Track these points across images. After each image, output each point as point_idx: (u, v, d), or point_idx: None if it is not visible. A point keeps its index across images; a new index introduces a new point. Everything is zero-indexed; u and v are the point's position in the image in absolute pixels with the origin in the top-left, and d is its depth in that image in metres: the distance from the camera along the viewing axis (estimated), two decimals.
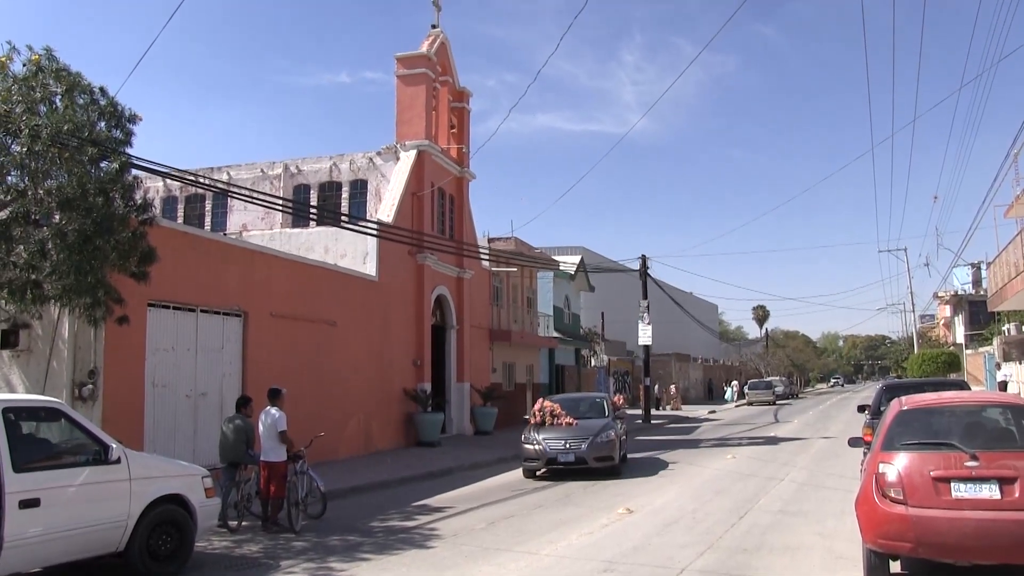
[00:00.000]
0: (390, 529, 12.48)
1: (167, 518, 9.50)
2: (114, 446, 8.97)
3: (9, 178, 12.31)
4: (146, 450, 13.89)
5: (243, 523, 12.58)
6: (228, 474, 12.76)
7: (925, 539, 7.62)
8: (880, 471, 8.04)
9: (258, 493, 12.70)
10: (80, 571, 9.47)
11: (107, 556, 9.05)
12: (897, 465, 7.97)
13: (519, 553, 10.36)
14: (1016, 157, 29.71)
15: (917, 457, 7.97)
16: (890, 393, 18.83)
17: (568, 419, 18.77)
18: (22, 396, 10.87)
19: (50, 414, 8.99)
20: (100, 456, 8.87)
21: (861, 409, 21.59)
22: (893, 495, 7.85)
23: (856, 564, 8.84)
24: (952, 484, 7.68)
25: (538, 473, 18.26)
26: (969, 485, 7.63)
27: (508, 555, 10.27)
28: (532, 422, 19.21)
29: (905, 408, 8.85)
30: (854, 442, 11.83)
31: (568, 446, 17.85)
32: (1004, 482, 7.54)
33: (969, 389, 18.51)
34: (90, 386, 14.22)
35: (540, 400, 20.05)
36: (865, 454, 11.60)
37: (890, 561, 8.23)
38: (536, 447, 18.04)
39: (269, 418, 12.56)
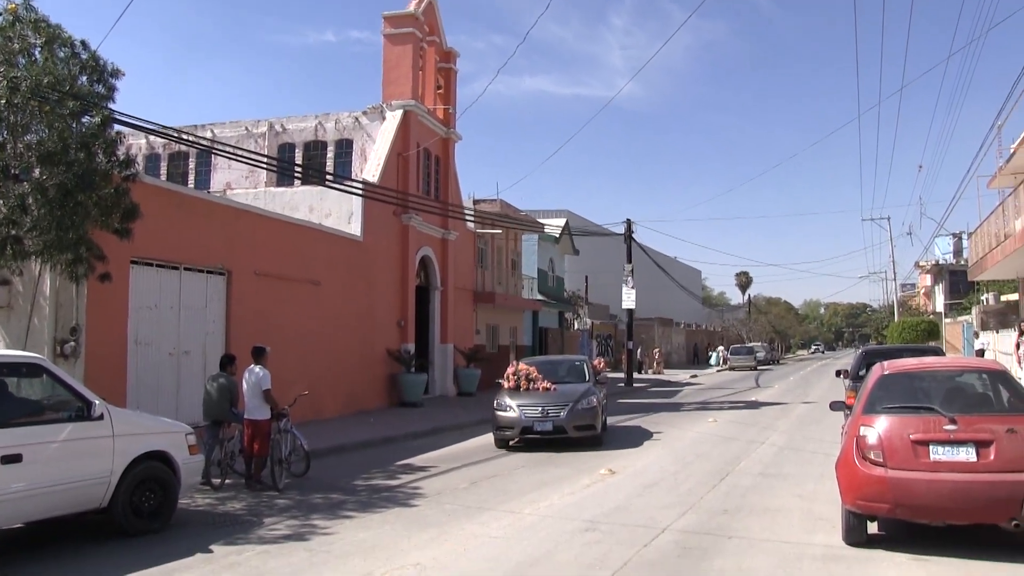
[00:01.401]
0: (373, 488, 12.54)
1: (150, 475, 9.49)
2: (97, 402, 8.94)
3: None
4: (129, 408, 13.83)
5: (226, 481, 12.61)
6: (212, 432, 12.77)
7: (903, 500, 7.74)
8: (861, 434, 8.14)
9: (242, 451, 12.73)
10: (64, 527, 9.50)
11: (90, 512, 9.05)
12: (877, 428, 8.07)
13: (502, 512, 10.43)
14: (1000, 129, 29.84)
15: (897, 420, 8.07)
16: (869, 358, 19.08)
17: (546, 384, 17.34)
18: (3, 352, 10.79)
19: (32, 370, 8.94)
20: (83, 412, 8.83)
21: (839, 374, 21.83)
22: (873, 457, 7.96)
23: (835, 525, 8.96)
24: (931, 447, 7.79)
25: (512, 443, 17.04)
26: (947, 448, 7.74)
27: (491, 514, 10.35)
28: (506, 387, 17.70)
29: (887, 373, 8.95)
30: (836, 406, 11.93)
31: (546, 413, 16.41)
32: (980, 445, 7.66)
33: (944, 356, 18.75)
34: (72, 343, 14.14)
35: (515, 363, 18.66)
36: (846, 418, 11.73)
37: (868, 522, 8.35)
38: (510, 414, 16.65)
39: (253, 376, 12.55)
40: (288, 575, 7.66)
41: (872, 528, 8.50)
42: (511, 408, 16.69)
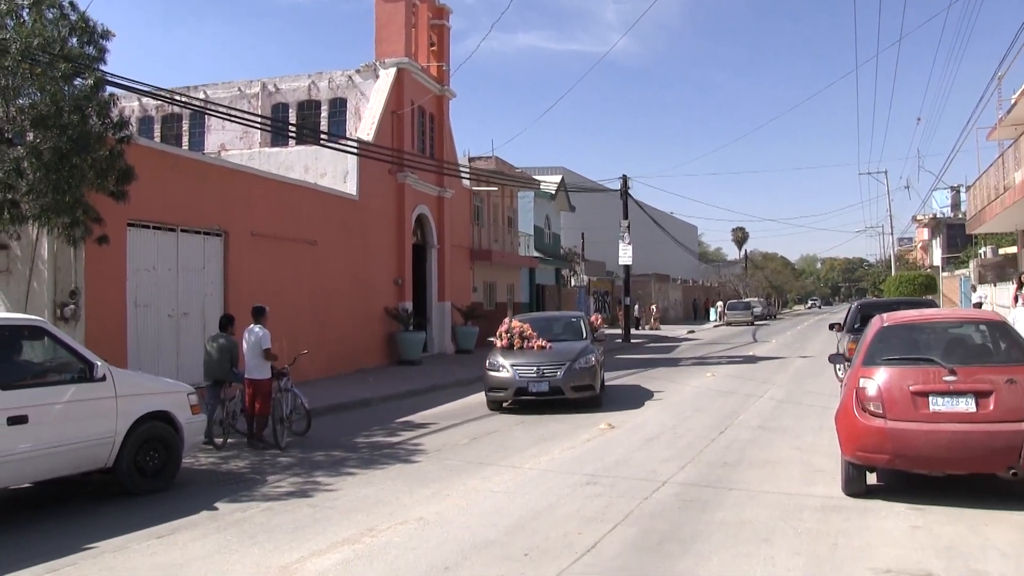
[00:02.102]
0: (374, 445, 12.63)
1: (154, 435, 9.55)
2: (99, 364, 8.96)
3: None
4: (130, 369, 13.88)
5: (228, 440, 12.69)
6: (213, 392, 12.82)
7: (902, 451, 7.81)
8: (860, 386, 8.19)
9: (243, 411, 12.78)
10: (70, 487, 9.58)
11: (96, 472, 9.12)
12: (877, 380, 8.11)
13: (502, 467, 10.52)
14: (1001, 80, 29.63)
15: (897, 372, 8.11)
16: (864, 311, 19.22)
17: (540, 342, 16.50)
18: (5, 315, 10.82)
19: (33, 332, 8.95)
20: (85, 374, 8.86)
21: (833, 327, 21.90)
22: (872, 409, 8.01)
23: (834, 477, 9.04)
24: (930, 398, 7.84)
25: (505, 404, 16.16)
26: (946, 399, 7.79)
27: (492, 469, 10.44)
28: (499, 345, 16.87)
29: (886, 325, 8.98)
30: (835, 358, 11.98)
31: (541, 373, 15.52)
32: (980, 396, 7.71)
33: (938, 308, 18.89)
34: (72, 306, 14.15)
35: (508, 319, 17.69)
36: (845, 370, 11.78)
37: (867, 473, 8.44)
38: (503, 375, 15.75)
39: (253, 336, 12.57)
40: (293, 531, 7.72)
41: (871, 479, 8.58)
42: (504, 368, 15.82)
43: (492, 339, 17.46)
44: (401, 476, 10.20)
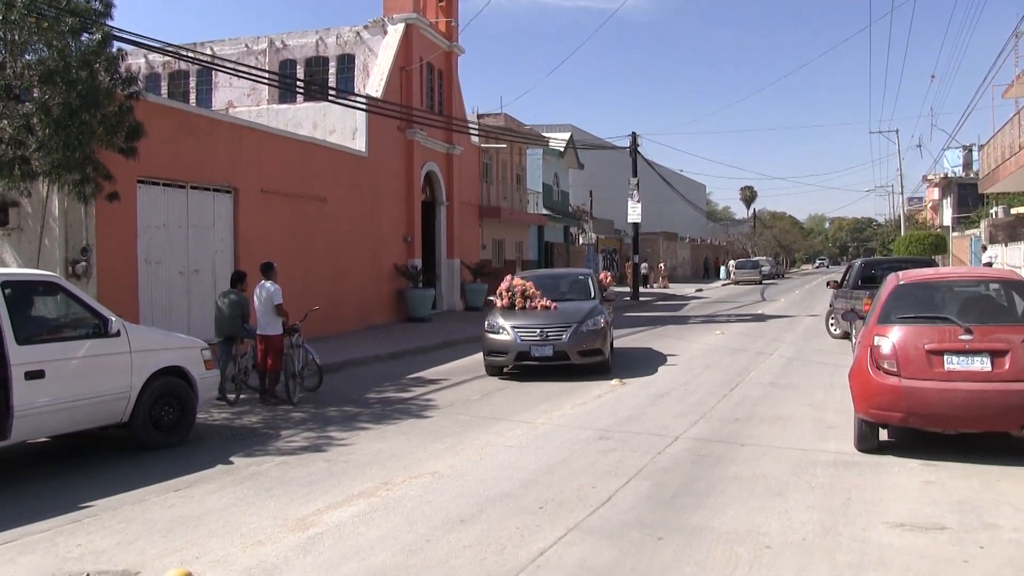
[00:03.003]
0: (386, 400, 12.69)
1: (169, 390, 9.60)
2: (113, 319, 8.99)
3: None
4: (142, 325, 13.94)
5: (241, 396, 12.74)
6: (224, 348, 12.83)
7: (916, 409, 7.82)
8: (875, 344, 8.18)
9: (255, 367, 12.83)
10: (88, 441, 9.66)
11: (112, 427, 9.20)
12: (892, 338, 8.10)
13: (515, 422, 10.57)
14: (1019, 37, 29.26)
15: (912, 330, 8.10)
16: (867, 269, 19.30)
17: (544, 302, 15.23)
18: (19, 270, 10.83)
19: (48, 288, 8.96)
20: (100, 329, 8.89)
21: (829, 284, 21.82)
22: (887, 367, 8.01)
23: (845, 433, 9.08)
24: (945, 357, 7.83)
25: (506, 370, 15.00)
26: (962, 358, 7.79)
27: (504, 424, 10.49)
28: (499, 305, 15.59)
29: (902, 283, 8.94)
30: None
31: (545, 336, 14.30)
32: (995, 355, 7.70)
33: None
34: (83, 263, 14.17)
35: (509, 277, 16.23)
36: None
37: (880, 430, 8.46)
38: (503, 337, 14.54)
39: (264, 292, 12.57)
40: (308, 484, 7.79)
41: (883, 435, 8.60)
42: (504, 330, 14.60)
43: (492, 298, 16.23)
44: (414, 431, 10.26)
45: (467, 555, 5.76)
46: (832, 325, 20.58)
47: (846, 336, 19.64)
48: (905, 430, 8.56)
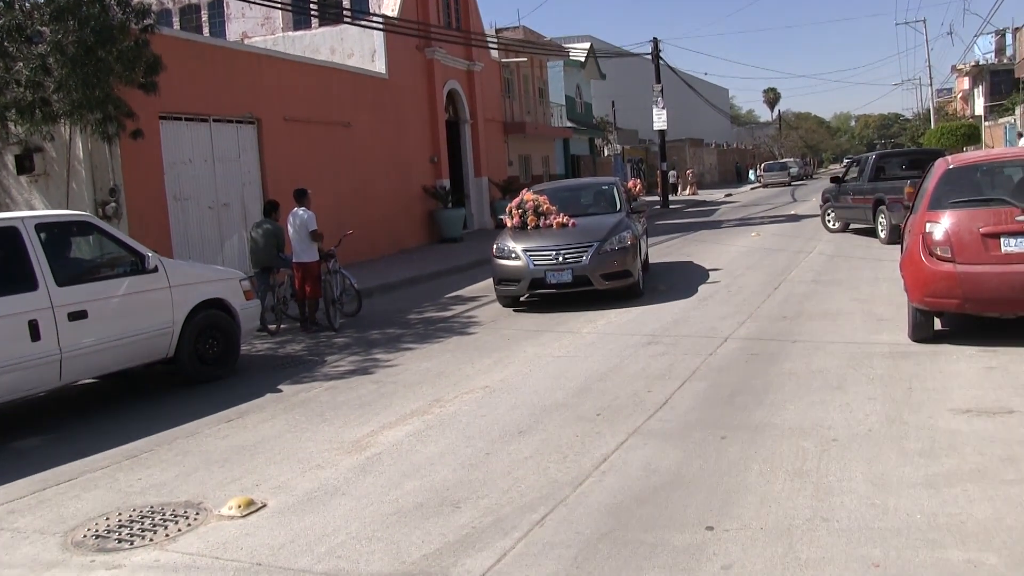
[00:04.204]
0: (428, 320, 12.64)
1: (211, 322, 9.56)
2: (150, 255, 8.91)
3: None
4: None
5: (282, 326, 12.74)
6: (262, 279, 12.76)
7: (973, 295, 7.61)
8: (927, 231, 7.93)
9: (293, 295, 12.79)
10: (136, 379, 9.70)
11: (158, 363, 9.20)
12: (944, 224, 7.85)
13: (560, 333, 10.48)
14: None
15: (965, 215, 7.83)
16: (882, 162, 18.72)
17: (561, 218, 13.07)
18: (52, 211, 10.78)
19: (82, 228, 8.89)
20: (137, 266, 8.83)
21: (834, 180, 20.99)
22: (940, 253, 7.78)
23: (898, 325, 8.91)
24: (1002, 239, 7.59)
25: (522, 299, 13.15)
26: (1019, 239, 7.53)
27: (549, 335, 10.40)
28: (509, 225, 13.52)
29: (952, 167, 8.61)
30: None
31: (562, 259, 12.23)
32: None
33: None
34: (113, 204, 14.10)
35: (523, 192, 14.11)
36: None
37: (934, 318, 8.27)
38: (514, 263, 12.50)
39: (298, 219, 12.42)
40: (360, 407, 7.75)
41: (936, 325, 8.42)
42: (515, 255, 12.55)
43: (502, 216, 14.29)
44: (460, 348, 10.21)
45: (529, 465, 5.71)
46: (829, 220, 20.93)
47: (845, 229, 20.14)
48: (959, 318, 8.38)
